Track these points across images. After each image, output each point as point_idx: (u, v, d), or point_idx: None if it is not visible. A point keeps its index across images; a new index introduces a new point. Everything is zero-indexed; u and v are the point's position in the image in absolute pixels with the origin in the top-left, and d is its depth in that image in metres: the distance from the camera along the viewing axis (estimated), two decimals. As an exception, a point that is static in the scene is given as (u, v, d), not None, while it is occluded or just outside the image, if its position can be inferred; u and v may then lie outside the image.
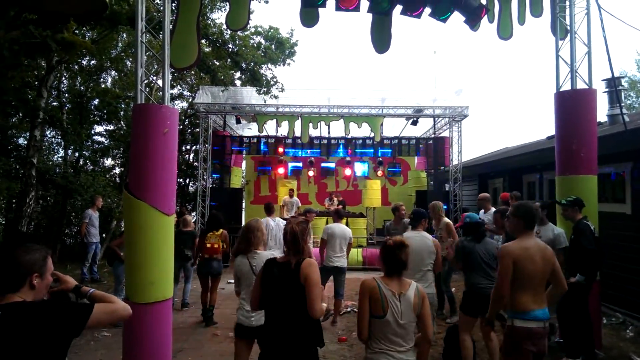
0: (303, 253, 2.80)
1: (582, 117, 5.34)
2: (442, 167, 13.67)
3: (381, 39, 5.10)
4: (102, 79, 15.73)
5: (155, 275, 4.13)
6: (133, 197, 4.09)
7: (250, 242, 3.67)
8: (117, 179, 15.08)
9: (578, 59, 5.56)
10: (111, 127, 15.45)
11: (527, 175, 10.94)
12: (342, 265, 6.48)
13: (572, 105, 5.45)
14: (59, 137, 14.63)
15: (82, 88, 14.20)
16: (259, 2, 10.69)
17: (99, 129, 15.67)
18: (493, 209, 7.29)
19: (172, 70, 4.69)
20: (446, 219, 6.62)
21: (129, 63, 14.96)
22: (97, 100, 14.69)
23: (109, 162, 16.56)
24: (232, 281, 4.86)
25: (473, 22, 5.17)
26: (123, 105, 15.83)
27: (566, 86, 5.62)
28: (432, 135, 14.10)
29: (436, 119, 13.23)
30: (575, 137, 5.32)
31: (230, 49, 11.71)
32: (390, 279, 2.73)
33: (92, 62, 14.19)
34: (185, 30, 4.56)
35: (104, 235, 11.98)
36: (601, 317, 5.59)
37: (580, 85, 5.55)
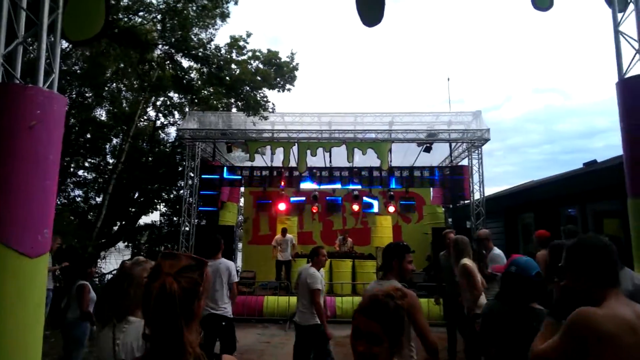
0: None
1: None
2: (461, 201, 11.92)
3: (369, 5, 3.63)
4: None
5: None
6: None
7: (126, 301, 2.08)
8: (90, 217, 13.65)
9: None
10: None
11: (564, 208, 9.18)
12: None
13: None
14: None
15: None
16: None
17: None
18: (496, 249, 5.60)
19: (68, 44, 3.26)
20: (465, 260, 4.73)
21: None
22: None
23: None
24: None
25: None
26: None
27: (633, 71, 4.04)
28: (449, 164, 12.44)
29: (452, 144, 11.62)
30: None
31: (225, 74, 10.61)
32: None
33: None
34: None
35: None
36: None
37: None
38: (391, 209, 13.36)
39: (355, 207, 13.91)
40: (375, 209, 14.16)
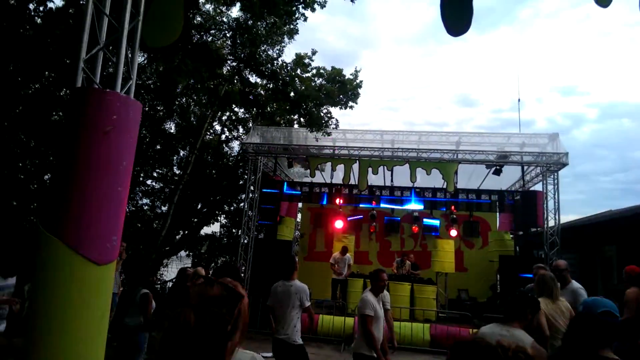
0: None
1: None
2: (533, 229, 11.07)
3: (456, 13, 3.38)
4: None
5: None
6: (44, 232, 2.58)
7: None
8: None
9: None
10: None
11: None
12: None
13: None
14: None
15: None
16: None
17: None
18: (576, 283, 4.92)
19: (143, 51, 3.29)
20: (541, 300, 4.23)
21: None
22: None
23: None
24: (266, 354, 3.54)
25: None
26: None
27: None
28: (520, 189, 11.65)
29: (525, 167, 10.87)
30: None
31: (290, 90, 10.75)
32: None
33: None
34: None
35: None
36: None
37: None
38: (453, 232, 12.73)
39: (415, 229, 13.40)
40: (436, 232, 13.57)
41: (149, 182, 15.06)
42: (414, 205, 12.14)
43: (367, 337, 4.31)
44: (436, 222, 13.61)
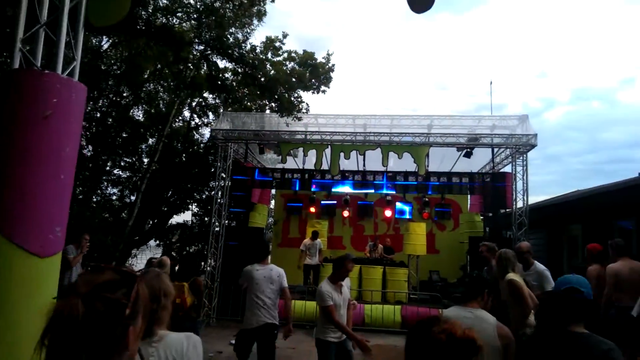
0: None
1: None
2: (502, 210, 11.26)
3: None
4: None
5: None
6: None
7: (154, 316, 1.81)
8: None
9: None
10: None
11: (617, 220, 8.46)
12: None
13: None
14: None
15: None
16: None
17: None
18: (539, 264, 5.01)
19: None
20: (511, 275, 4.28)
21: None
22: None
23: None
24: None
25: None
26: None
27: None
28: (491, 171, 11.81)
29: (495, 149, 11.00)
30: None
31: (260, 75, 10.49)
32: None
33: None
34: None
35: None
36: None
37: None
38: (425, 215, 12.85)
39: (388, 213, 13.47)
40: (409, 215, 13.68)
41: (116, 171, 14.61)
42: (387, 190, 12.18)
43: (334, 326, 4.28)
44: (408, 206, 13.71)
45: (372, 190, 12.35)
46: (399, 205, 13.62)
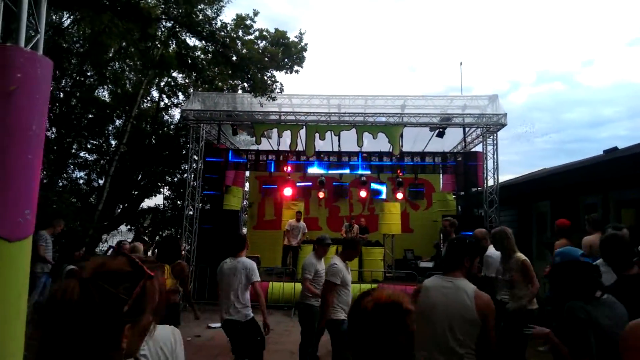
0: None
1: None
2: (473, 189, 11.51)
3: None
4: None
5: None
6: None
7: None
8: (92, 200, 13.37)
9: None
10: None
11: (583, 197, 8.79)
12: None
13: None
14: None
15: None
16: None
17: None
18: (492, 248, 5.11)
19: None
20: (521, 255, 4.51)
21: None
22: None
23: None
24: (214, 325, 3.45)
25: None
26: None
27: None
28: (462, 150, 12.01)
29: (467, 129, 11.17)
30: None
31: (231, 54, 10.19)
32: None
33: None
34: None
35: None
36: None
37: None
38: (399, 195, 13.01)
39: (363, 194, 13.55)
40: (383, 196, 13.82)
41: (82, 154, 14.08)
42: (362, 170, 12.24)
43: (322, 302, 4.47)
44: (383, 187, 13.83)
45: (348, 171, 12.38)
46: (374, 185, 13.73)
